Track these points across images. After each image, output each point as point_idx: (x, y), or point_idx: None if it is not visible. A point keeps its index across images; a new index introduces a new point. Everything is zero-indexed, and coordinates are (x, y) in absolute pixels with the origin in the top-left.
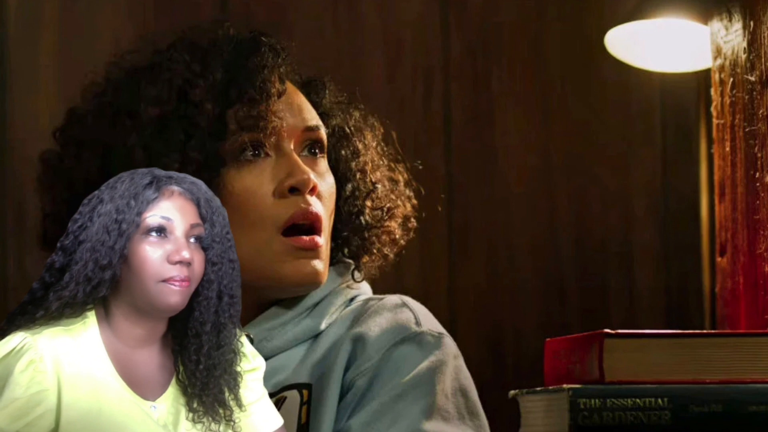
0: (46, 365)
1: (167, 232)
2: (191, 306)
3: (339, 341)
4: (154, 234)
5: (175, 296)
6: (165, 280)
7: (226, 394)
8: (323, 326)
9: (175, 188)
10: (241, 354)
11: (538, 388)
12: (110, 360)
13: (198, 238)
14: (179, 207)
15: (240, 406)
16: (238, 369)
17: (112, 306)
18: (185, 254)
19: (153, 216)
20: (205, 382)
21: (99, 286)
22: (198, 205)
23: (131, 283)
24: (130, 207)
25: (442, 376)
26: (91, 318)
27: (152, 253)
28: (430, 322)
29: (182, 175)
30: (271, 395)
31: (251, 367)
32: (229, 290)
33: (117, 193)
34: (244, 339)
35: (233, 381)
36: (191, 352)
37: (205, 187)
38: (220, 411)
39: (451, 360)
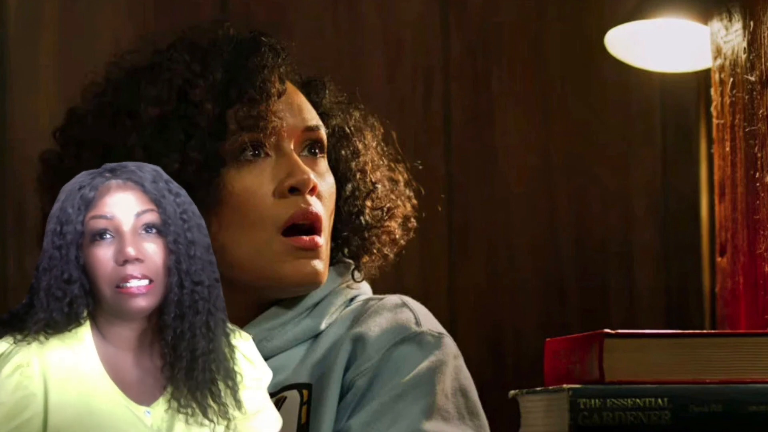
0: (33, 369)
1: (112, 231)
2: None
3: (339, 341)
4: (99, 237)
5: (136, 302)
6: (121, 284)
7: (221, 387)
8: (323, 326)
9: (114, 182)
10: (239, 353)
11: (538, 388)
12: (102, 364)
13: (151, 226)
14: (121, 199)
15: (239, 407)
16: (234, 366)
17: (96, 312)
18: (130, 251)
19: (92, 219)
20: (186, 374)
21: (72, 302)
22: (144, 191)
23: (96, 290)
24: (68, 214)
25: (442, 376)
26: (83, 323)
27: (101, 258)
28: (430, 322)
29: (126, 164)
30: (271, 395)
31: (256, 375)
32: (193, 276)
33: (59, 202)
34: (241, 341)
35: (229, 378)
36: (164, 344)
37: (151, 168)
38: (214, 407)
39: (451, 360)
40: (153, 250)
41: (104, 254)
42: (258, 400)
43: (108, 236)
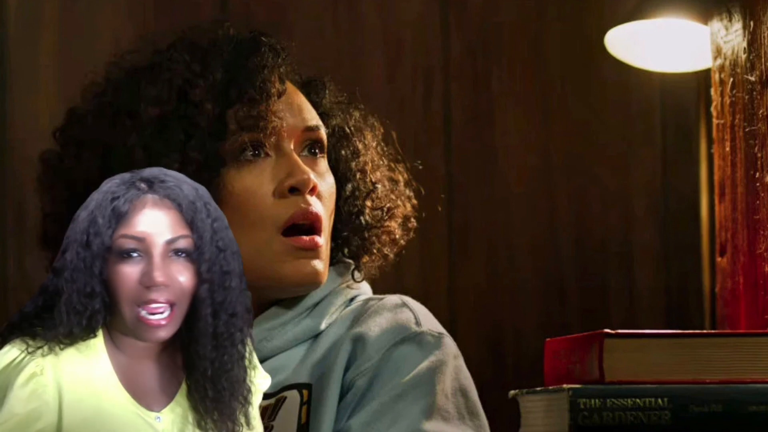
0: (47, 378)
1: (141, 251)
2: (190, 323)
3: (339, 341)
4: (127, 255)
5: (156, 332)
6: (143, 306)
7: (237, 410)
8: (323, 326)
9: (150, 197)
10: (254, 367)
11: (538, 388)
12: (114, 371)
13: (182, 252)
14: (155, 219)
15: (248, 423)
16: (251, 385)
17: (111, 322)
18: (158, 277)
19: (122, 237)
20: (215, 405)
21: (93, 317)
22: (181, 211)
23: (117, 306)
24: (98, 226)
25: (442, 376)
26: (97, 333)
27: (126, 276)
28: (430, 322)
29: (165, 175)
30: (271, 395)
31: (259, 382)
32: (228, 307)
33: (87, 210)
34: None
35: (244, 398)
36: (197, 376)
37: (190, 186)
38: (228, 425)
39: (451, 360)
40: (181, 274)
41: (130, 273)
42: (256, 405)
43: (136, 255)
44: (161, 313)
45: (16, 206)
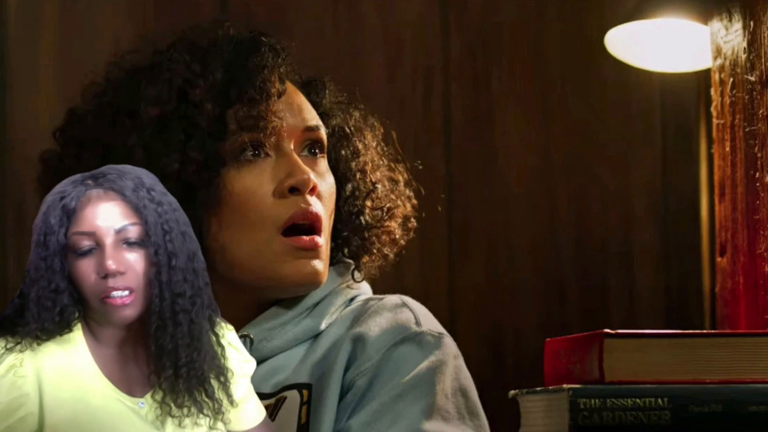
0: (26, 369)
1: (94, 245)
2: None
3: (339, 341)
4: (82, 251)
5: (121, 311)
6: (105, 296)
7: (215, 387)
8: (323, 326)
9: (94, 192)
10: (229, 347)
11: (538, 388)
12: (94, 360)
13: (134, 239)
14: (102, 212)
15: (231, 401)
16: (226, 363)
17: (86, 314)
18: (110, 265)
19: (75, 235)
20: (173, 381)
21: (63, 311)
22: (125, 200)
23: (84, 299)
24: (51, 225)
25: (442, 376)
26: (74, 327)
27: (84, 271)
28: (430, 322)
29: (110, 168)
30: (271, 395)
31: (242, 362)
32: (174, 287)
33: (41, 212)
34: (228, 333)
35: (221, 375)
36: (149, 353)
37: (134, 175)
38: (209, 403)
39: (451, 360)
40: (134, 260)
41: (87, 267)
42: (243, 387)
43: (90, 249)
44: (120, 292)
45: (16, 206)
